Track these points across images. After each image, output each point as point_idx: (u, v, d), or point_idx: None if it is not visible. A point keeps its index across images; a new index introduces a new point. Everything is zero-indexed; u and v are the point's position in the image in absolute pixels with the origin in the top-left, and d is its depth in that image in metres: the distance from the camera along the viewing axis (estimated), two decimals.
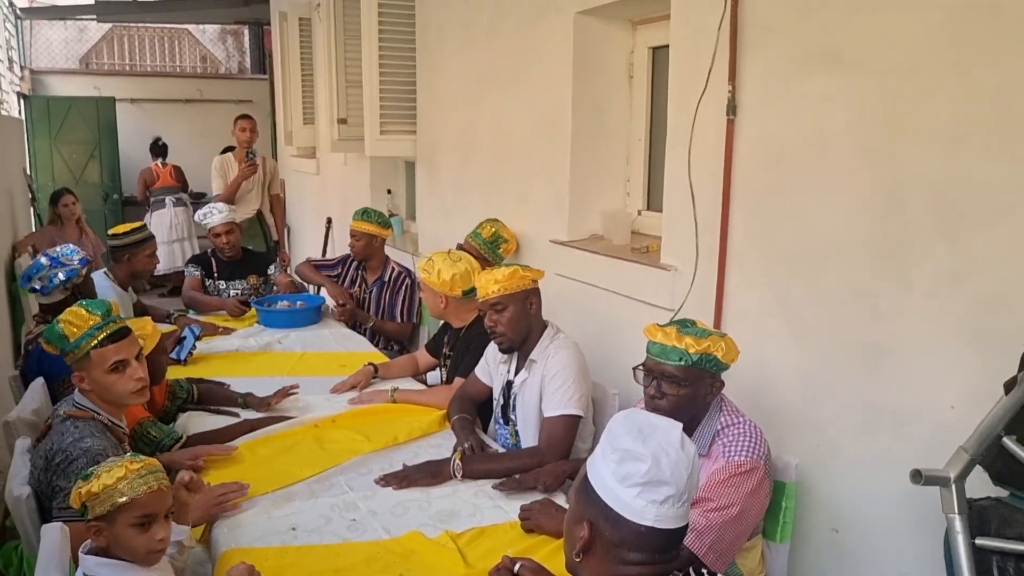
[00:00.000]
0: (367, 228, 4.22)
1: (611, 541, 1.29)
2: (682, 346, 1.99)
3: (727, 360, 2.03)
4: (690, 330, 2.04)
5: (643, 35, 3.37)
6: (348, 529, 2.15)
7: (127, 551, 1.67)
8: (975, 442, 1.72)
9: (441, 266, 3.09)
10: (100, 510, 1.63)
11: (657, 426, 1.31)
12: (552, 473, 2.36)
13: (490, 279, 2.63)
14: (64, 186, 6.76)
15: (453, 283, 3.08)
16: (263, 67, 10.94)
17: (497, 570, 1.80)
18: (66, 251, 3.25)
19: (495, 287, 2.61)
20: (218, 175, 6.01)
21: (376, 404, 3.02)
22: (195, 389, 3.06)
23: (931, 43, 1.96)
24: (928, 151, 1.98)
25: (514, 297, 2.61)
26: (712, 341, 2.00)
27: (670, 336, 2.02)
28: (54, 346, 2.23)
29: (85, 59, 11.40)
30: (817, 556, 2.39)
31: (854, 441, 2.25)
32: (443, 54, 4.56)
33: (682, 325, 2.08)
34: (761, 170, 2.47)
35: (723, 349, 2.01)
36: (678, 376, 2.00)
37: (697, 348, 1.98)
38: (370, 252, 4.27)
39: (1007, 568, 1.68)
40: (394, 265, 4.33)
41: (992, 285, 1.87)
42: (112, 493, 1.62)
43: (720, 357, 2.01)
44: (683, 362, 1.99)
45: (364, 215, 4.25)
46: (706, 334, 2.03)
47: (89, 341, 2.18)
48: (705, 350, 1.98)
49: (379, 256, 4.32)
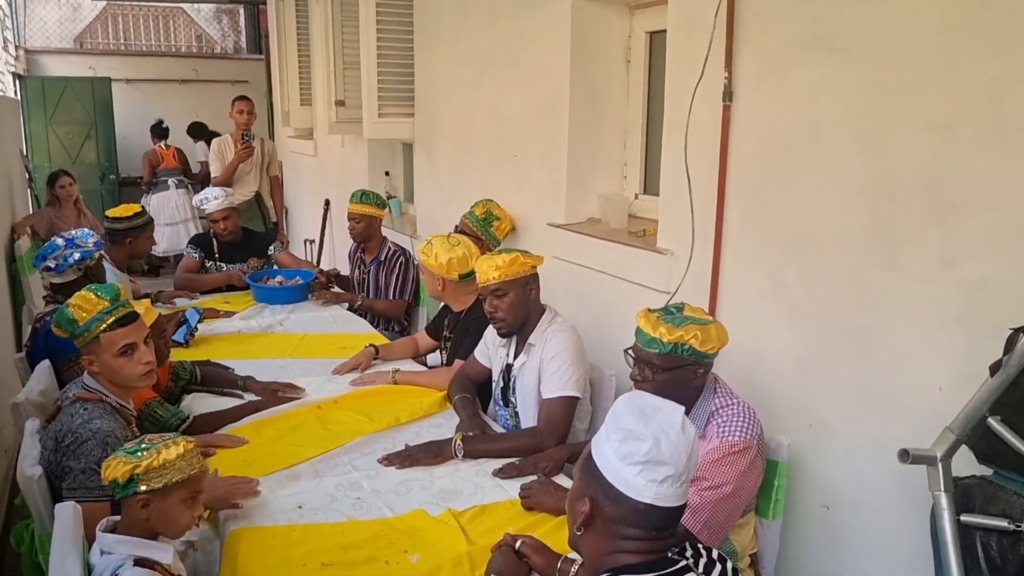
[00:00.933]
0: (365, 210, 4.25)
1: (611, 517, 1.34)
2: (656, 335, 2.03)
3: (705, 349, 2.02)
4: (669, 318, 2.05)
5: (640, 20, 3.39)
6: (353, 507, 2.21)
7: (170, 525, 1.77)
8: (961, 423, 1.78)
9: (439, 249, 3.14)
10: (156, 484, 1.71)
11: (660, 408, 1.36)
12: (551, 458, 2.41)
13: (490, 265, 2.66)
14: (61, 167, 6.76)
15: (450, 267, 3.13)
16: (259, 47, 10.89)
17: (499, 547, 1.85)
18: (81, 234, 3.30)
19: (495, 273, 2.65)
20: (216, 158, 6.02)
21: (378, 385, 3.07)
22: (198, 371, 3.11)
23: (923, 33, 1.99)
24: (920, 140, 2.02)
25: (514, 283, 2.65)
26: (687, 330, 2.00)
27: (650, 323, 2.06)
28: (63, 329, 2.27)
29: (79, 38, 11.32)
30: (808, 532, 2.46)
31: (845, 421, 2.31)
32: (441, 37, 4.57)
33: (666, 312, 2.10)
34: (756, 156, 2.51)
35: (699, 339, 2.00)
36: (656, 363, 2.05)
37: (670, 338, 2.01)
38: (369, 233, 4.31)
39: (990, 544, 1.74)
40: (391, 245, 4.38)
41: (979, 271, 1.92)
42: (172, 468, 1.71)
43: (696, 346, 2.01)
44: (658, 351, 2.03)
45: (362, 197, 4.28)
46: (685, 322, 2.02)
47: (98, 325, 2.22)
48: (678, 339, 2.00)
49: (377, 237, 4.37)
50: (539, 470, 2.38)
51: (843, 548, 2.36)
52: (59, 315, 2.28)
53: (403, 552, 2.00)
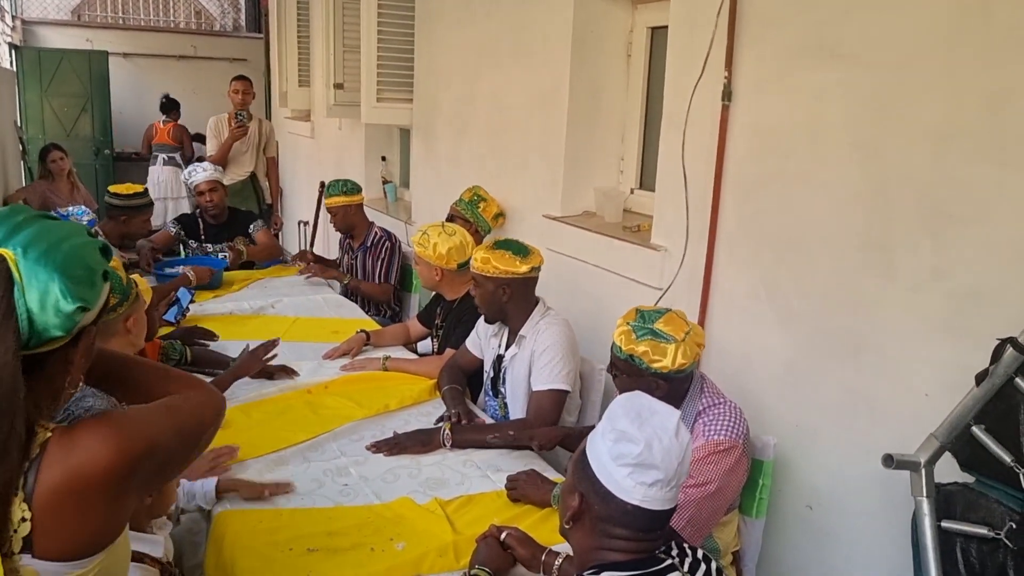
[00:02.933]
0: (337, 201, 4.21)
1: (599, 515, 1.35)
2: (618, 340, 2.08)
3: (656, 366, 2.01)
4: (637, 326, 2.06)
5: (643, 14, 3.39)
6: (340, 494, 2.22)
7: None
8: (946, 430, 1.80)
9: (437, 240, 3.13)
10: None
11: (656, 411, 1.36)
12: (547, 435, 2.44)
13: (477, 255, 2.72)
14: (53, 141, 6.72)
15: (449, 256, 3.13)
16: (259, 26, 10.81)
17: (484, 538, 1.87)
18: (77, 211, 3.29)
19: (475, 264, 2.71)
20: (212, 136, 6.00)
21: (368, 371, 3.08)
22: (188, 351, 3.11)
23: (926, 44, 2.00)
24: (917, 149, 2.03)
25: (487, 279, 2.67)
26: (637, 345, 2.02)
27: (622, 325, 2.10)
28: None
29: (77, 10, 11.22)
30: (791, 532, 2.48)
31: (831, 424, 2.33)
32: (443, 25, 4.55)
33: (642, 318, 2.09)
34: (754, 157, 2.52)
35: (649, 356, 2.01)
36: (619, 367, 2.10)
37: (624, 348, 2.05)
38: (350, 221, 4.28)
39: (970, 550, 1.77)
40: (376, 230, 4.33)
41: (969, 281, 1.94)
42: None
43: (647, 362, 2.02)
44: (619, 356, 2.08)
45: (330, 188, 4.25)
46: (645, 336, 2.02)
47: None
48: (631, 352, 2.04)
49: (362, 224, 4.32)
50: (533, 442, 2.42)
51: (825, 548, 2.39)
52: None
53: (389, 539, 2.01)
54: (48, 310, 1.05)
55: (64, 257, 1.07)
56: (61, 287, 1.06)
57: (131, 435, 1.13)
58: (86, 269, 1.10)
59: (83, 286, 1.08)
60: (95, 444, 1.09)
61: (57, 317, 1.05)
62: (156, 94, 9.47)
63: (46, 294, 1.05)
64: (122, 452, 1.10)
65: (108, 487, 1.09)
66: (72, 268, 1.08)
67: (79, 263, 1.09)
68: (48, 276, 1.05)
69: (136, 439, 1.13)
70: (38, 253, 1.05)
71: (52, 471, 1.06)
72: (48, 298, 1.05)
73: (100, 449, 1.09)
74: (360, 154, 5.96)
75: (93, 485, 1.08)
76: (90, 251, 1.13)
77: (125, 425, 1.15)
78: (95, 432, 1.11)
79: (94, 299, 1.11)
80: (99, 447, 1.09)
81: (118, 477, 1.10)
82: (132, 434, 1.13)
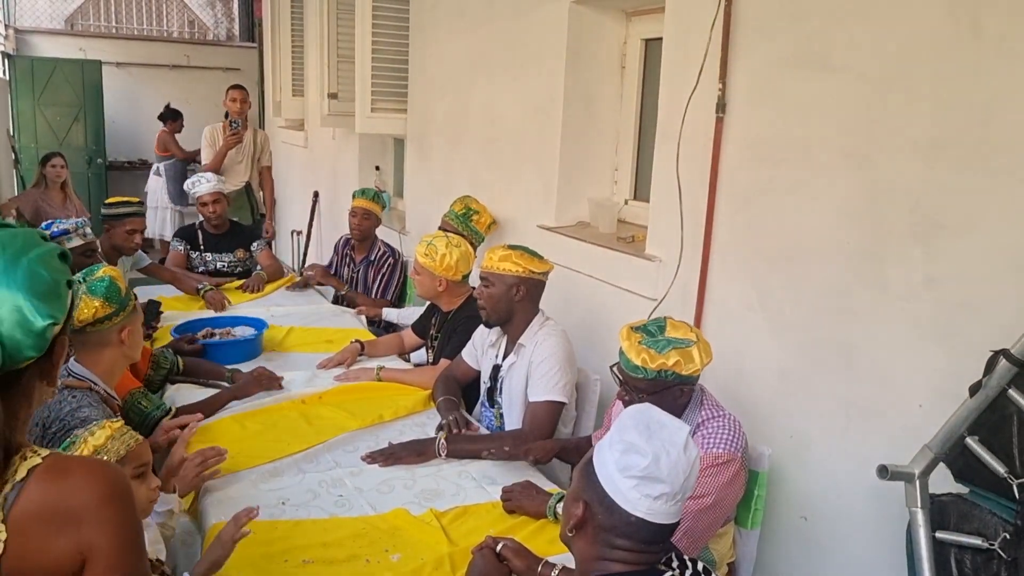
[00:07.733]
0: (372, 207, 4.34)
1: (602, 525, 1.35)
2: (639, 362, 2.00)
3: (688, 372, 1.99)
4: (651, 342, 2.02)
5: (637, 26, 3.40)
6: (335, 504, 2.21)
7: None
8: (940, 441, 1.81)
9: (445, 251, 3.12)
10: None
11: (665, 425, 1.36)
12: (542, 448, 2.43)
13: (493, 253, 2.72)
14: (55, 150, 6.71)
15: (457, 267, 3.14)
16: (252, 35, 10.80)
17: (480, 549, 1.86)
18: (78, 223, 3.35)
19: (488, 263, 2.71)
20: (207, 145, 5.98)
21: (362, 382, 3.07)
22: (179, 360, 3.10)
23: (915, 55, 2.02)
24: (908, 160, 2.05)
25: (501, 278, 2.67)
26: (668, 357, 1.98)
27: (633, 346, 2.02)
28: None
29: (70, 19, 11.22)
30: (786, 543, 2.48)
31: (826, 434, 2.34)
32: (437, 36, 4.57)
33: (647, 333, 2.06)
34: (747, 168, 2.53)
35: (681, 364, 1.98)
36: (642, 388, 2.03)
37: (653, 365, 1.99)
38: (371, 230, 4.37)
39: (964, 561, 1.77)
40: (381, 245, 4.40)
41: (962, 291, 1.95)
42: (106, 452, 1.69)
43: (679, 371, 1.99)
44: (643, 376, 2.01)
45: (368, 193, 4.34)
46: (667, 347, 1.99)
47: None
48: (660, 367, 1.98)
49: (372, 235, 4.39)
50: (531, 456, 2.40)
51: (820, 559, 2.39)
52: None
53: (384, 551, 2.00)
54: (17, 332, 1.03)
55: (24, 274, 1.05)
56: (28, 306, 1.03)
57: (117, 480, 1.14)
58: (50, 283, 1.08)
59: (49, 300, 1.06)
60: (82, 480, 1.10)
61: (29, 337, 1.04)
62: (149, 103, 9.45)
63: (14, 315, 1.03)
64: (106, 494, 1.11)
65: (86, 522, 1.09)
66: (35, 284, 1.05)
67: (40, 278, 1.06)
68: (12, 297, 1.03)
69: (121, 485, 1.15)
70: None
71: (34, 497, 1.06)
72: (16, 319, 1.03)
73: (86, 486, 1.10)
74: (354, 164, 5.96)
75: (73, 518, 1.08)
76: (49, 261, 1.10)
77: (113, 470, 1.17)
78: (87, 469, 1.12)
79: (62, 311, 1.09)
80: (86, 484, 1.10)
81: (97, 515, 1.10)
82: (119, 480, 1.15)
